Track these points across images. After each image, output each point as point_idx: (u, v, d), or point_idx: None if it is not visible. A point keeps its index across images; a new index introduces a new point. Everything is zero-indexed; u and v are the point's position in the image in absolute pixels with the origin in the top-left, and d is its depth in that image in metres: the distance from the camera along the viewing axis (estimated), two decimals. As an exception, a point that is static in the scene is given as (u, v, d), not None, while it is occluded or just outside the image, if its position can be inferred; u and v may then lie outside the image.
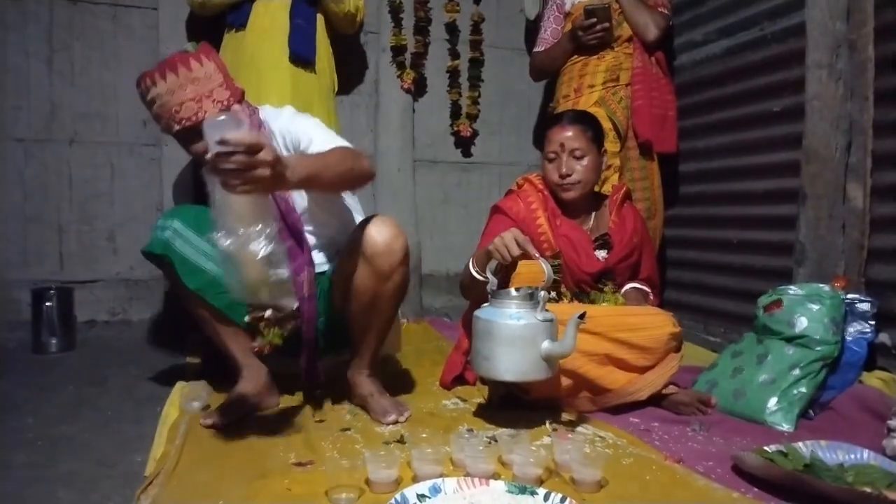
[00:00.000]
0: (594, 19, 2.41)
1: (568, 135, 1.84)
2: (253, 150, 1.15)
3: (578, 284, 1.83)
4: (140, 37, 2.56)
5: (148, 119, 2.60)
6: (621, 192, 1.95)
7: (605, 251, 1.86)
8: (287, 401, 1.73)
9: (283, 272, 1.34)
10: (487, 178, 3.15)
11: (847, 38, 1.99)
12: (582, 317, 1.45)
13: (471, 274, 1.69)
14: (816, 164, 2.03)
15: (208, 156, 1.16)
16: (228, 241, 1.22)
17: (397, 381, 1.90)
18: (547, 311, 1.50)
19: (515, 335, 1.46)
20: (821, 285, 1.76)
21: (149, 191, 2.65)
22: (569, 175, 1.82)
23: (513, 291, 1.54)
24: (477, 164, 3.15)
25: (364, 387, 1.69)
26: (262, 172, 1.16)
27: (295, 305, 1.45)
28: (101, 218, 2.62)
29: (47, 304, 2.30)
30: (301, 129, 1.63)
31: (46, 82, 2.54)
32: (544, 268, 1.54)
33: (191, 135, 1.57)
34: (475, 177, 3.15)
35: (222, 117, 1.21)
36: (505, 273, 1.62)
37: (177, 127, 1.58)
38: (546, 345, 1.47)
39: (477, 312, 1.54)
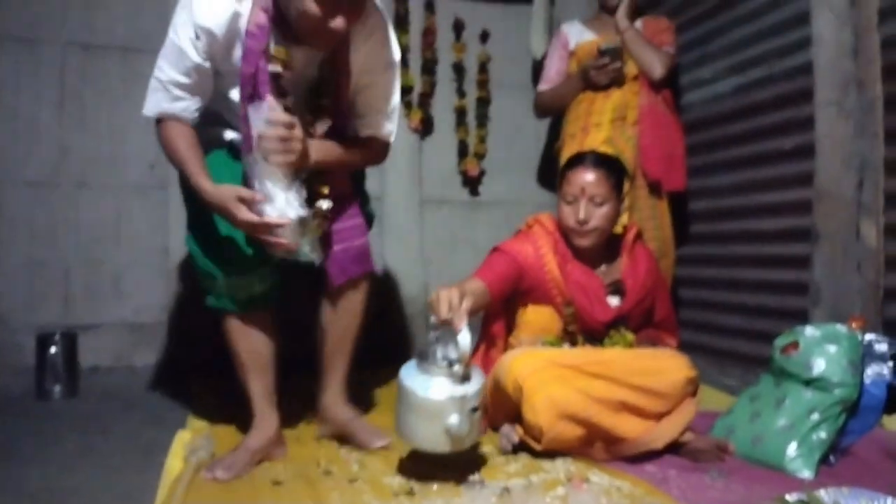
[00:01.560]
0: (607, 59, 2.43)
1: (590, 179, 1.78)
2: (291, 126, 1.46)
3: (590, 332, 1.79)
4: (148, 81, 2.57)
5: (155, 162, 2.64)
6: (632, 233, 1.92)
7: (619, 297, 1.82)
8: (292, 449, 1.70)
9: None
10: (496, 217, 3.13)
11: (855, 76, 1.99)
12: (475, 409, 1.40)
13: None
14: (828, 203, 2.01)
15: (254, 133, 1.46)
16: (270, 209, 1.48)
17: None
18: (465, 382, 1.41)
19: (418, 405, 1.41)
20: (837, 326, 1.72)
21: (155, 234, 2.64)
22: (586, 222, 1.77)
23: (437, 354, 1.45)
24: (485, 203, 3.15)
25: (342, 413, 1.71)
26: (296, 145, 1.48)
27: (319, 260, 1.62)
28: (107, 261, 2.61)
29: (52, 349, 2.28)
30: (379, 91, 1.68)
31: (56, 127, 2.56)
32: (460, 341, 1.40)
33: None
34: (483, 216, 3.14)
35: (263, 104, 1.47)
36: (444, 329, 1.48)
37: None
38: (450, 421, 1.39)
39: (403, 368, 1.48)
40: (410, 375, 1.44)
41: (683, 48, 2.68)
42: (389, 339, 2.89)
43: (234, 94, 1.59)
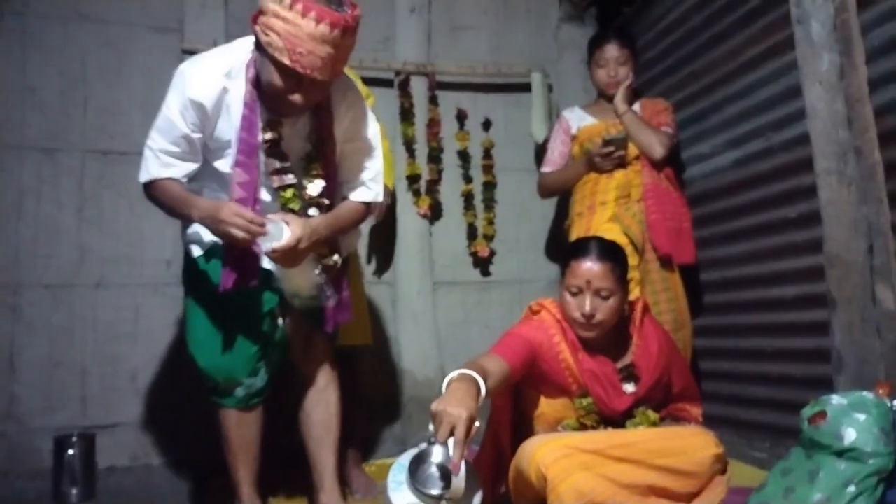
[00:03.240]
0: (611, 148, 2.51)
1: (595, 271, 1.73)
2: (294, 247, 1.60)
3: (607, 421, 1.76)
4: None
5: (172, 259, 2.70)
6: (640, 308, 1.90)
7: (633, 383, 1.78)
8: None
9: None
10: (508, 295, 3.15)
11: (852, 144, 2.02)
12: None
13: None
14: (840, 269, 2.01)
15: (264, 253, 1.63)
16: (287, 284, 1.76)
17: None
18: None
19: None
20: (864, 393, 1.69)
21: (171, 330, 2.66)
22: (592, 316, 1.73)
23: (430, 462, 1.39)
24: (496, 282, 3.17)
25: None
26: (302, 254, 1.66)
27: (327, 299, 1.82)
28: (125, 359, 2.61)
29: (69, 452, 2.26)
30: (362, 158, 1.85)
31: (76, 230, 2.62)
32: (454, 482, 1.31)
33: (288, 72, 1.56)
34: (495, 295, 3.16)
35: (270, 226, 1.59)
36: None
37: (285, 61, 1.54)
38: None
39: (394, 467, 1.42)
40: (399, 487, 1.38)
41: (681, 125, 2.76)
42: (404, 422, 2.86)
43: (221, 166, 1.72)
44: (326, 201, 1.77)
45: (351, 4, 1.58)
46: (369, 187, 1.89)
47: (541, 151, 2.94)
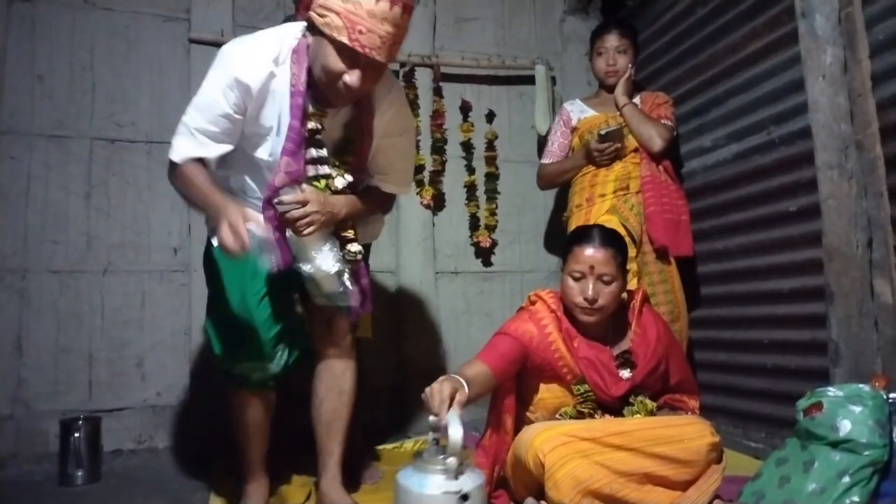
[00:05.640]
0: (609, 143, 2.52)
1: (598, 257, 1.77)
2: (303, 204, 1.60)
3: (604, 407, 1.78)
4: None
5: (179, 247, 2.72)
6: (639, 297, 1.92)
7: (629, 369, 1.80)
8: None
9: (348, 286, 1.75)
10: (509, 285, 3.18)
11: (854, 138, 2.03)
12: (465, 497, 1.36)
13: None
14: (839, 262, 2.03)
15: (279, 216, 1.59)
16: (307, 267, 1.69)
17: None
18: (461, 476, 1.39)
19: (414, 502, 1.39)
20: (860, 385, 1.71)
21: (178, 316, 2.69)
22: (595, 301, 1.75)
23: (433, 448, 1.44)
24: (498, 272, 3.19)
25: (339, 499, 1.79)
26: (314, 217, 1.62)
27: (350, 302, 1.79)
28: (131, 344, 2.65)
29: (75, 435, 2.29)
30: (398, 153, 1.86)
31: (84, 216, 2.65)
32: (451, 434, 1.38)
33: (346, 52, 1.53)
34: (497, 285, 3.18)
35: (284, 193, 1.60)
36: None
37: (343, 40, 1.50)
38: None
39: (399, 472, 1.46)
40: (407, 475, 1.43)
41: (684, 118, 2.77)
42: (406, 410, 2.89)
43: (260, 153, 1.70)
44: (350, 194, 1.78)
45: None
46: (399, 181, 1.90)
47: (543, 143, 2.95)
